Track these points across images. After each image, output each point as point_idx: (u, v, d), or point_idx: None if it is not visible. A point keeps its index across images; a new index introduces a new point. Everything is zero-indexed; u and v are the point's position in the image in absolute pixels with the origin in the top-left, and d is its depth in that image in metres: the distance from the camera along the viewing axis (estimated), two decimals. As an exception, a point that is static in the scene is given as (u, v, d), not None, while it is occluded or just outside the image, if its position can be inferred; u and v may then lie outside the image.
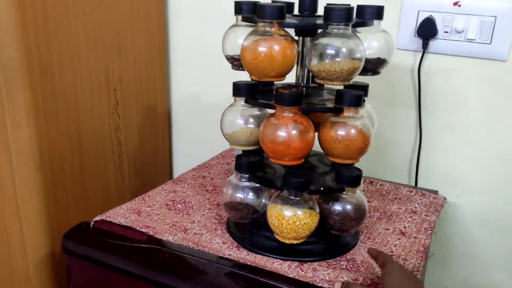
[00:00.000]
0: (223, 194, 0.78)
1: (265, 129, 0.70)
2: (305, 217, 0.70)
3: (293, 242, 0.72)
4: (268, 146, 0.70)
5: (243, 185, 0.76)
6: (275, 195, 0.73)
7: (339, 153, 0.71)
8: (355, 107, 0.70)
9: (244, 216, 0.77)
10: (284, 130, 0.68)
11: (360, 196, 0.75)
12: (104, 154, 1.15)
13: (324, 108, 0.72)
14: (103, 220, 0.83)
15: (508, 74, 0.96)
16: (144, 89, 1.24)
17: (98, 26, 1.05)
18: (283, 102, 0.68)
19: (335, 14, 0.66)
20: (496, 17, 0.93)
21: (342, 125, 0.70)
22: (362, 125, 0.71)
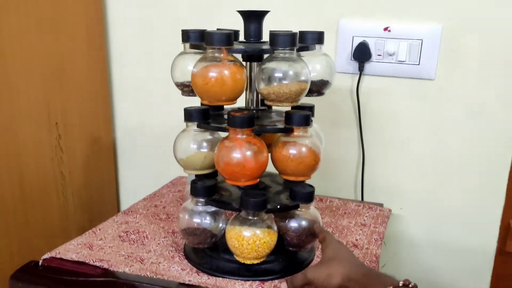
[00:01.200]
0: (180, 220, 0.78)
1: (220, 151, 0.71)
2: (264, 236, 0.71)
3: (254, 262, 0.73)
4: (223, 168, 0.71)
5: (199, 210, 0.76)
6: (233, 217, 0.73)
7: (292, 171, 0.74)
8: (304, 126, 0.73)
9: (203, 241, 0.77)
10: (238, 151, 0.70)
11: (314, 212, 0.77)
12: (47, 190, 1.10)
13: (275, 129, 0.75)
14: (53, 257, 0.80)
15: (436, 91, 1.05)
16: (87, 121, 1.21)
17: (38, 58, 1.03)
18: (236, 124, 0.69)
19: (281, 39, 0.70)
20: (422, 40, 1.02)
21: (293, 144, 0.73)
22: (312, 143, 0.74)
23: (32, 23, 1.01)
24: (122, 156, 1.38)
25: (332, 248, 0.70)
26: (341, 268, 0.65)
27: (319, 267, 0.68)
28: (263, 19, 0.77)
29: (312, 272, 0.68)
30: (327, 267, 0.67)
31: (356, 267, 0.66)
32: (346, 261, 0.67)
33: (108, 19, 1.26)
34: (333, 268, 0.66)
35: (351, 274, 0.64)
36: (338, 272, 0.65)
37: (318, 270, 0.68)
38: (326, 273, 0.66)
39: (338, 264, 0.66)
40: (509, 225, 1.06)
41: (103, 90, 1.26)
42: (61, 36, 1.09)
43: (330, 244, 0.71)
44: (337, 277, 0.65)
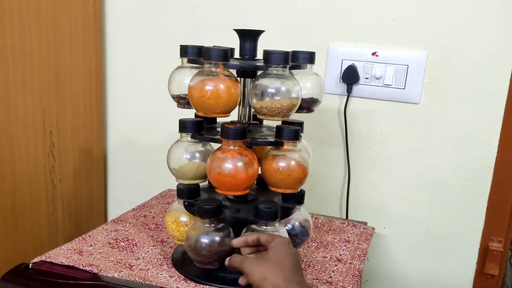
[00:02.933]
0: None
1: (212, 162, 0.74)
2: None
3: None
4: (215, 178, 0.74)
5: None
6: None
7: (280, 183, 0.77)
8: (293, 140, 0.76)
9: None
10: (230, 162, 0.73)
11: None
12: (38, 197, 1.11)
13: (266, 142, 0.78)
14: (43, 261, 0.81)
15: (421, 115, 1.10)
16: (80, 131, 1.23)
17: (36, 67, 1.06)
18: (229, 136, 0.73)
19: (275, 57, 0.74)
20: (408, 65, 1.07)
21: (282, 157, 0.77)
22: (300, 157, 0.77)
23: (33, 34, 1.04)
24: (112, 168, 1.39)
25: (279, 252, 0.68)
26: (279, 277, 0.64)
27: (258, 265, 0.67)
28: (258, 38, 0.81)
29: (249, 265, 0.67)
30: (266, 269, 0.66)
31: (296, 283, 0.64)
32: (289, 273, 0.65)
33: (105, 32, 1.30)
34: (272, 273, 0.65)
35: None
36: (275, 278, 0.64)
37: (255, 267, 0.67)
38: (262, 274, 0.65)
39: (278, 271, 0.65)
40: (488, 247, 1.10)
41: (97, 101, 1.29)
42: (59, 47, 1.12)
43: (278, 248, 0.69)
44: (271, 283, 0.64)
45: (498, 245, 1.10)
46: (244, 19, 1.18)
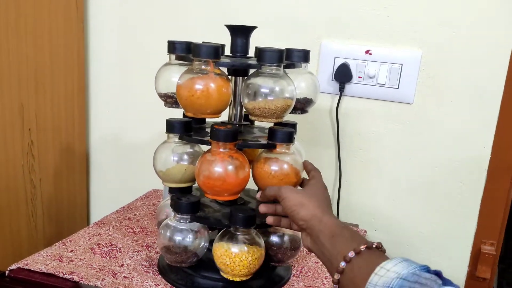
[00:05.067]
0: (160, 237, 0.75)
1: (201, 165, 0.70)
2: (254, 252, 0.70)
3: (243, 278, 0.71)
4: (204, 182, 0.70)
5: (183, 228, 0.74)
6: (220, 234, 0.72)
7: None
8: (287, 143, 0.73)
9: (185, 260, 0.74)
10: (220, 165, 0.69)
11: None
12: (16, 198, 1.06)
13: (258, 145, 0.74)
14: (20, 268, 0.76)
15: (414, 115, 1.07)
16: (61, 128, 1.18)
17: (14, 61, 1.00)
18: (219, 138, 0.69)
19: (268, 55, 0.70)
20: (402, 64, 1.04)
21: (275, 161, 0.73)
22: (293, 160, 0.74)
23: (11, 29, 0.98)
24: (94, 167, 1.34)
25: (316, 186, 0.69)
26: (316, 206, 0.63)
27: (296, 191, 0.66)
28: (250, 34, 0.78)
29: (287, 191, 0.65)
30: (304, 197, 0.64)
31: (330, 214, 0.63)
32: (324, 205, 0.65)
33: (88, 27, 1.24)
34: (310, 201, 0.64)
35: (323, 217, 0.61)
36: (311, 206, 0.63)
37: (293, 193, 0.65)
38: (299, 200, 0.64)
39: (316, 201, 0.64)
40: (480, 250, 1.08)
41: (79, 99, 1.23)
42: (39, 42, 1.06)
43: (316, 183, 0.70)
44: (308, 210, 0.63)
45: (490, 248, 1.08)
46: (234, 14, 1.14)
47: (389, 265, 0.50)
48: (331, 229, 0.59)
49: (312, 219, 0.62)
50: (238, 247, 0.70)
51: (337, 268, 0.55)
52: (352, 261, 0.54)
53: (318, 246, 0.60)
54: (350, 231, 0.59)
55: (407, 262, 0.50)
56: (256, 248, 0.70)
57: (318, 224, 0.61)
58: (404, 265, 0.49)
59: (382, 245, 0.56)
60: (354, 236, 0.58)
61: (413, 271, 0.48)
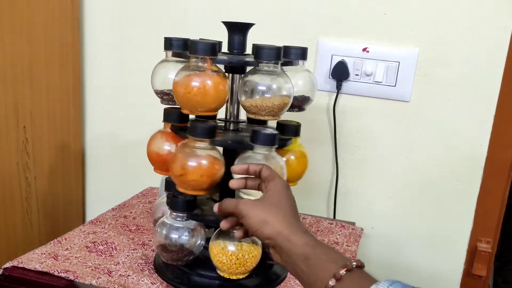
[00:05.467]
0: (156, 235, 0.75)
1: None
2: (251, 250, 0.70)
3: (240, 276, 0.71)
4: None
5: (179, 226, 0.73)
6: (217, 232, 0.71)
7: None
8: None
9: (181, 258, 0.74)
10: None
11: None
12: (11, 196, 1.05)
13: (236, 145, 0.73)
14: (15, 266, 0.75)
15: (411, 113, 1.07)
16: (57, 125, 1.17)
17: (9, 58, 0.99)
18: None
19: (266, 53, 0.69)
20: (399, 62, 1.04)
21: None
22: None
23: (5, 25, 0.97)
24: (90, 164, 1.34)
25: (279, 194, 0.60)
26: (282, 221, 0.57)
27: (256, 207, 0.59)
28: (248, 31, 0.77)
29: (246, 207, 0.58)
30: (265, 212, 0.58)
31: (299, 229, 0.57)
32: (290, 217, 0.58)
33: (83, 24, 1.23)
34: (274, 216, 0.57)
35: (291, 235, 0.55)
36: (276, 223, 0.56)
37: (254, 209, 0.58)
38: (261, 217, 0.57)
39: (280, 215, 0.57)
40: (476, 248, 1.08)
41: (74, 96, 1.23)
42: (34, 39, 1.05)
43: (277, 189, 0.61)
44: (273, 228, 0.56)
45: (486, 246, 1.08)
46: (231, 11, 1.13)
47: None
48: (303, 251, 0.54)
49: (279, 238, 0.56)
50: (234, 245, 0.69)
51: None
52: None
53: (292, 266, 0.56)
54: (324, 250, 0.54)
55: (395, 285, 0.47)
56: (252, 246, 0.70)
57: (286, 243, 0.55)
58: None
59: (361, 262, 0.52)
60: (330, 255, 0.53)
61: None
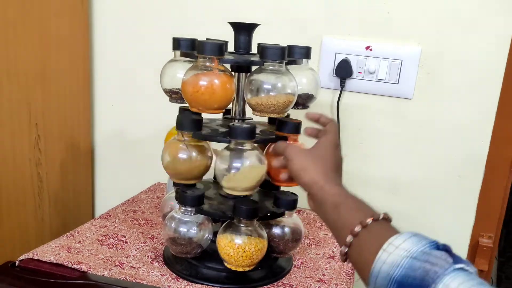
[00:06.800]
0: (165, 229, 0.77)
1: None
2: (257, 243, 0.72)
3: (246, 269, 0.74)
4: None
5: (188, 220, 0.76)
6: (224, 226, 0.74)
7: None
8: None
9: (190, 251, 0.77)
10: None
11: (296, 219, 0.80)
12: (24, 191, 1.08)
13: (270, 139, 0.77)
14: (30, 258, 0.78)
15: (413, 110, 1.09)
16: (67, 123, 1.20)
17: (22, 59, 1.02)
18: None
19: (271, 52, 0.72)
20: (402, 60, 1.06)
21: None
22: None
23: (18, 26, 1.00)
24: (99, 160, 1.37)
25: (326, 146, 0.66)
26: (320, 172, 0.61)
27: (301, 154, 0.64)
28: (253, 31, 0.79)
29: (292, 153, 0.64)
30: (308, 160, 0.62)
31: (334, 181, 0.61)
32: (329, 169, 0.62)
33: (93, 22, 1.26)
34: (314, 165, 0.61)
35: (325, 185, 0.59)
36: (314, 172, 0.61)
37: (298, 156, 0.63)
38: (303, 164, 0.62)
39: (320, 166, 0.62)
40: (478, 243, 1.10)
41: (84, 94, 1.25)
42: (45, 39, 1.08)
43: (326, 142, 0.66)
44: (310, 176, 0.60)
45: (488, 241, 1.10)
46: (236, 11, 1.15)
47: (398, 241, 0.49)
48: (334, 199, 0.58)
49: (313, 186, 0.60)
50: (241, 239, 0.72)
51: (344, 241, 0.54)
52: (359, 235, 0.53)
53: (323, 213, 0.60)
54: (354, 201, 0.58)
55: (416, 237, 0.49)
56: (258, 239, 0.73)
57: (319, 192, 0.59)
58: (413, 241, 0.48)
59: (388, 215, 0.55)
60: (359, 206, 0.57)
61: (422, 249, 0.47)
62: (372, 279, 0.49)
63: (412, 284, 0.45)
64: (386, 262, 0.48)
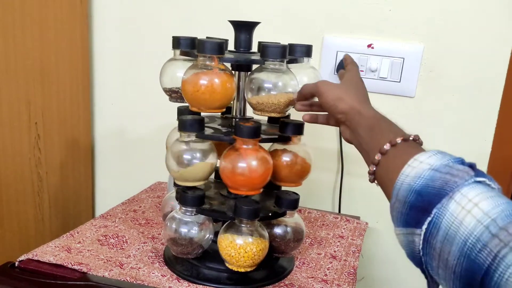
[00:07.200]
0: (166, 229, 0.77)
1: (225, 160, 0.71)
2: (258, 243, 0.72)
3: (248, 269, 0.73)
4: (228, 177, 0.71)
5: (189, 220, 0.75)
6: (225, 226, 0.74)
7: (284, 177, 0.77)
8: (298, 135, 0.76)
9: (190, 251, 0.76)
10: (244, 161, 0.70)
11: (298, 219, 0.79)
12: (24, 191, 1.08)
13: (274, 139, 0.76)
14: (30, 259, 0.78)
15: (416, 108, 1.08)
16: (67, 122, 1.20)
17: (20, 57, 1.02)
18: (243, 134, 0.69)
19: (272, 51, 0.71)
20: (404, 58, 1.05)
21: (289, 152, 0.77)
22: (305, 151, 0.77)
23: (16, 22, 0.99)
24: (99, 160, 1.36)
25: (353, 79, 0.69)
26: (354, 99, 0.63)
27: (333, 86, 0.66)
28: (254, 30, 0.79)
29: (324, 86, 0.66)
30: (341, 90, 0.65)
31: (369, 106, 0.64)
32: (362, 96, 0.65)
33: (92, 22, 1.25)
34: (348, 94, 0.64)
35: (362, 109, 0.62)
36: (349, 99, 0.63)
37: (331, 88, 0.66)
38: (337, 94, 0.64)
39: (354, 94, 0.64)
40: (479, 241, 1.10)
41: (84, 92, 1.25)
42: (44, 37, 1.07)
43: (353, 76, 0.69)
44: (346, 103, 0.63)
45: (490, 240, 1.09)
46: (237, 9, 1.14)
47: (423, 157, 0.49)
48: (369, 122, 0.60)
49: (351, 112, 0.62)
50: (242, 239, 0.71)
51: (373, 160, 0.56)
52: (387, 153, 0.54)
53: (357, 138, 0.62)
54: (387, 123, 0.60)
55: (442, 154, 0.49)
56: (260, 239, 0.72)
57: (356, 116, 0.62)
58: (438, 157, 0.49)
59: (419, 137, 0.56)
60: (392, 127, 0.58)
61: (446, 163, 0.48)
62: (394, 192, 0.50)
63: (430, 193, 0.46)
64: (409, 175, 0.48)
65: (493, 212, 0.42)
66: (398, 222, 0.50)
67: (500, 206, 0.42)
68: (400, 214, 0.49)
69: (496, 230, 0.40)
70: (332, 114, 0.66)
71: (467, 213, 0.43)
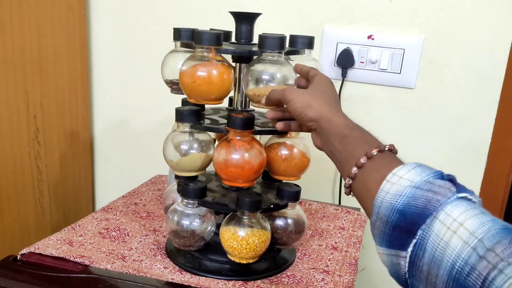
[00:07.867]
0: (168, 221, 0.77)
1: (219, 153, 0.71)
2: (260, 235, 0.72)
3: (250, 261, 0.73)
4: (221, 169, 0.71)
5: (191, 212, 0.75)
6: (227, 218, 0.74)
7: (282, 171, 0.76)
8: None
9: (193, 244, 0.76)
10: (237, 153, 0.70)
11: (299, 210, 0.79)
12: (23, 184, 1.08)
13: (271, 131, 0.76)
14: (32, 252, 0.78)
15: (416, 100, 1.08)
16: (66, 115, 1.19)
17: (18, 49, 1.01)
18: (236, 126, 0.70)
19: (269, 42, 0.70)
20: (404, 49, 1.05)
21: (287, 145, 0.77)
22: (303, 145, 0.76)
23: (14, 16, 0.99)
24: (99, 152, 1.36)
25: (321, 84, 0.66)
26: (324, 105, 0.61)
27: (301, 92, 0.64)
28: (255, 21, 0.78)
29: (292, 93, 0.63)
30: (310, 97, 0.62)
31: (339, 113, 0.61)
32: (332, 102, 0.62)
33: (90, 14, 1.25)
34: (316, 100, 0.62)
35: (332, 117, 0.59)
36: (318, 106, 0.61)
37: (299, 94, 0.63)
38: (306, 101, 0.62)
39: (323, 100, 0.62)
40: (479, 232, 1.10)
41: (83, 85, 1.24)
42: (41, 27, 1.07)
43: (320, 80, 0.66)
44: (315, 110, 0.60)
45: (490, 230, 1.10)
46: (238, 1, 1.14)
47: (402, 171, 0.48)
48: (341, 130, 0.58)
49: (320, 119, 0.60)
50: (244, 231, 0.71)
51: (349, 173, 0.54)
52: (364, 166, 0.52)
53: (329, 147, 0.60)
54: (360, 132, 0.57)
55: (421, 168, 0.48)
56: (262, 231, 0.72)
57: (327, 124, 0.59)
58: (417, 171, 0.47)
59: (394, 146, 0.55)
60: (365, 137, 0.56)
61: (426, 179, 0.46)
62: (375, 210, 0.49)
63: (413, 212, 0.45)
64: (389, 192, 0.47)
65: (479, 232, 0.41)
66: (380, 241, 0.49)
67: (485, 224, 0.41)
68: (383, 234, 0.48)
69: (484, 251, 0.39)
70: (301, 122, 0.64)
71: (453, 234, 0.42)
